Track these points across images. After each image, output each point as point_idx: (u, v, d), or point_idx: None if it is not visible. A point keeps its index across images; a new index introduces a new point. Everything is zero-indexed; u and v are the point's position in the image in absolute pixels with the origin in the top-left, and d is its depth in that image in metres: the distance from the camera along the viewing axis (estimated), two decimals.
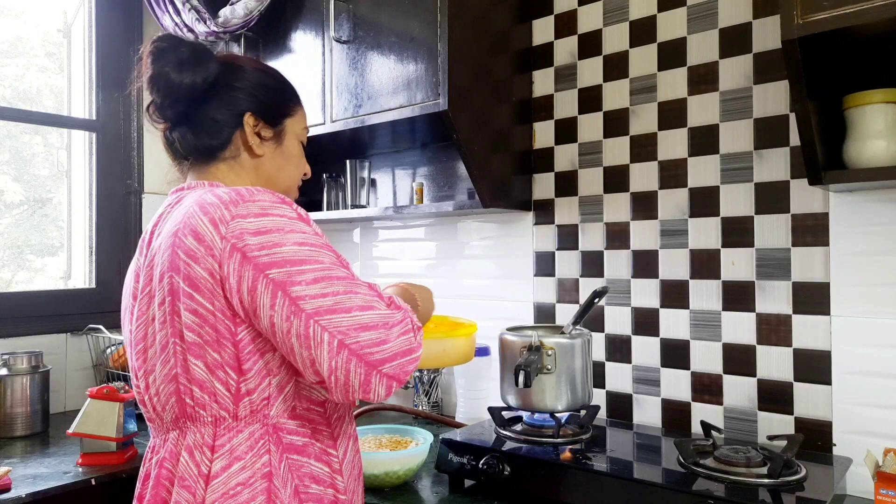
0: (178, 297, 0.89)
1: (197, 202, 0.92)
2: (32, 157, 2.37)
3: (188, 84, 0.99)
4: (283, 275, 0.85)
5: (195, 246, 0.88)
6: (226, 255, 0.86)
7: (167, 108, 1.02)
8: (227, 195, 0.91)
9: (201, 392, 0.90)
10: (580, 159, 1.72)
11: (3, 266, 2.25)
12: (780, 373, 1.40)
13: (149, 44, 1.01)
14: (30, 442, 1.74)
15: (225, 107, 1.02)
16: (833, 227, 1.34)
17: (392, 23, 1.68)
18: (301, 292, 0.85)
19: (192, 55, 1.00)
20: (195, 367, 0.90)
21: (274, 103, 1.07)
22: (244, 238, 0.86)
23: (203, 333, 0.88)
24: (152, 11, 2.13)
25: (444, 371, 1.96)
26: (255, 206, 0.89)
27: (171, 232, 0.92)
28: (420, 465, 1.39)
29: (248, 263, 0.85)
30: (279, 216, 0.89)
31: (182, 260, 0.88)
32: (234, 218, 0.87)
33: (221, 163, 1.04)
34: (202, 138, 1.02)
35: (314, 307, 0.85)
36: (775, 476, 1.09)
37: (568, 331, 1.43)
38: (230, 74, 1.04)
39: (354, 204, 2.10)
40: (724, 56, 1.48)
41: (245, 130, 1.03)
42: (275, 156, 1.07)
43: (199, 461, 0.90)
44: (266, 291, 0.85)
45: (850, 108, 1.21)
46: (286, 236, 0.87)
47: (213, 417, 0.91)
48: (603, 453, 1.28)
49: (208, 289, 0.87)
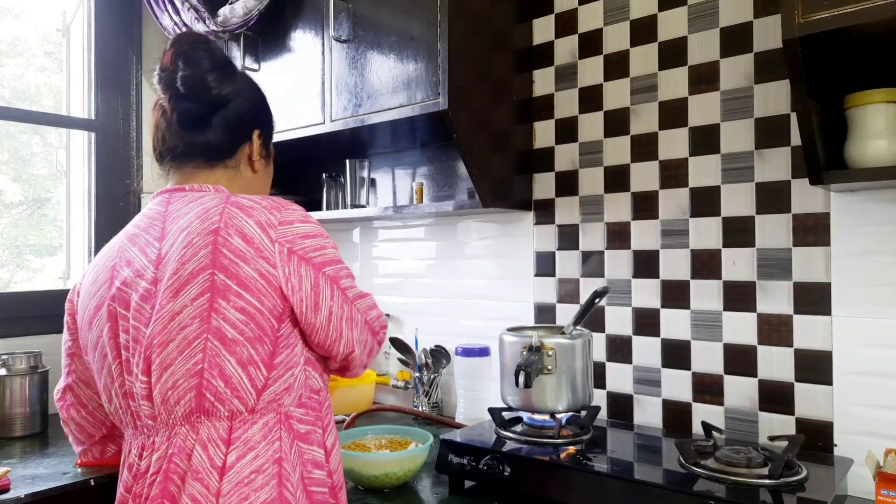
0: (224, 295, 0.93)
1: (232, 205, 0.98)
2: (31, 156, 2.36)
3: (216, 89, 1.06)
4: (333, 271, 1.01)
5: (243, 247, 0.94)
6: (283, 258, 0.96)
7: (190, 106, 1.06)
8: (261, 200, 1.00)
9: (225, 387, 0.93)
10: (580, 159, 1.71)
11: (2, 266, 2.24)
12: (781, 373, 1.40)
13: (182, 41, 1.06)
14: (29, 442, 1.73)
15: (240, 119, 1.10)
16: (834, 227, 1.34)
17: (392, 22, 1.67)
18: (344, 284, 1.03)
19: (225, 66, 1.09)
20: (227, 363, 0.93)
21: (271, 124, 1.18)
22: (297, 242, 0.98)
23: (246, 331, 0.93)
24: (151, 11, 2.12)
25: (444, 371, 1.95)
26: (296, 213, 1.01)
27: (207, 230, 0.95)
28: (420, 466, 1.38)
29: (308, 263, 0.98)
30: (313, 223, 1.02)
31: (228, 259, 0.93)
32: (282, 223, 0.98)
33: (222, 170, 1.09)
34: (212, 142, 1.07)
35: (353, 296, 1.04)
36: (776, 477, 1.09)
37: (568, 331, 1.42)
38: (246, 90, 1.12)
39: (354, 204, 2.10)
40: (724, 55, 1.48)
41: (252, 146, 1.12)
42: (264, 173, 1.17)
43: (214, 454, 0.92)
44: (326, 285, 0.99)
45: (851, 107, 1.21)
46: (325, 241, 1.02)
47: (229, 412, 0.94)
48: (603, 454, 1.28)
49: (258, 288, 0.94)
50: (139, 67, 2.32)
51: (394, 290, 2.16)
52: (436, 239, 2.05)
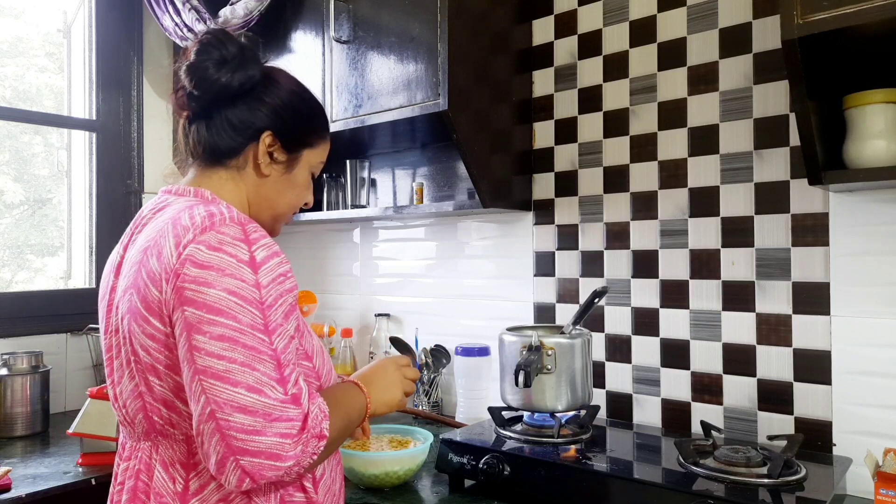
0: (136, 319, 0.87)
1: (172, 220, 0.89)
2: (32, 157, 2.37)
3: (222, 83, 0.96)
4: (194, 318, 0.82)
5: (156, 268, 0.85)
6: (170, 278, 0.84)
7: (194, 99, 0.99)
8: (200, 219, 0.88)
9: (168, 412, 0.88)
10: (580, 159, 1.72)
11: (4, 266, 2.25)
12: (780, 373, 1.40)
13: (205, 33, 0.99)
14: (30, 442, 1.74)
15: (247, 117, 0.99)
16: (833, 227, 1.34)
17: (392, 23, 1.68)
18: (201, 344, 0.81)
19: (237, 55, 0.97)
20: (158, 388, 0.88)
21: (297, 130, 1.03)
22: (186, 265, 0.83)
23: (161, 358, 0.86)
24: (152, 11, 2.13)
25: (445, 371, 1.96)
26: (214, 237, 0.85)
27: (143, 247, 0.90)
28: (420, 465, 1.39)
29: (178, 292, 0.83)
30: (229, 255, 0.84)
31: (143, 280, 0.86)
32: (192, 243, 0.85)
33: (224, 170, 1.01)
34: (215, 140, 0.99)
35: (205, 365, 0.81)
36: (775, 476, 1.09)
37: (568, 331, 1.43)
38: (264, 87, 1.00)
39: (354, 204, 2.10)
40: (724, 56, 1.48)
41: (259, 147, 1.00)
42: (280, 180, 1.04)
43: (174, 477, 0.89)
44: (178, 323, 0.83)
45: (851, 108, 1.21)
46: (221, 279, 0.83)
47: (184, 436, 0.89)
48: (603, 453, 1.28)
49: (162, 314, 0.85)
50: (140, 68, 2.33)
51: (394, 289, 2.17)
52: (436, 239, 2.06)
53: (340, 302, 2.33)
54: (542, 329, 1.53)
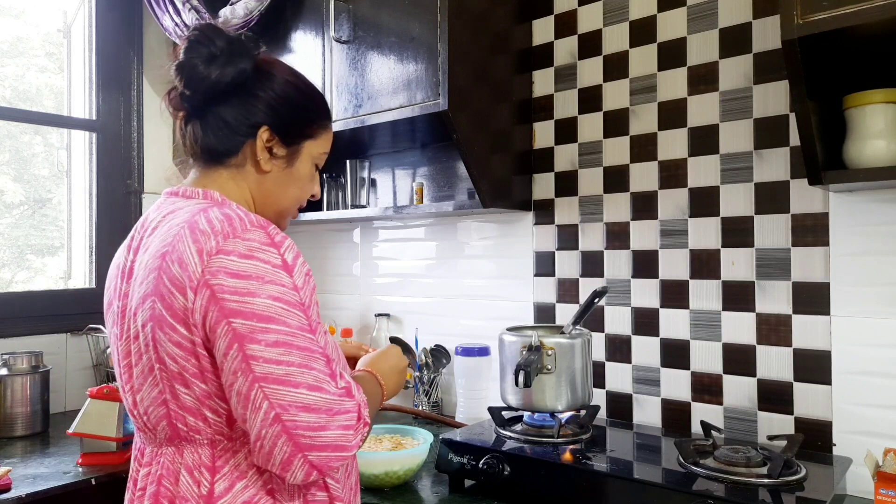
0: (161, 326, 0.86)
1: (189, 225, 0.88)
2: (32, 157, 2.37)
3: (213, 80, 0.93)
4: (246, 328, 0.82)
5: (180, 275, 0.84)
6: (199, 286, 0.83)
7: (187, 98, 0.96)
8: (219, 223, 0.86)
9: (194, 419, 0.88)
10: (580, 159, 1.72)
11: (4, 266, 2.25)
12: (780, 373, 1.40)
13: (192, 29, 0.96)
14: (30, 442, 1.74)
15: (241, 113, 0.97)
16: (833, 227, 1.34)
17: (392, 23, 1.68)
18: (257, 352, 0.81)
19: (225, 49, 0.94)
20: (184, 396, 0.88)
21: (295, 122, 1.01)
22: (219, 276, 0.83)
23: (188, 366, 0.86)
24: (152, 11, 2.13)
25: (445, 371, 1.96)
26: (243, 245, 0.84)
27: (160, 252, 0.88)
28: (420, 465, 1.39)
29: (216, 304, 0.82)
30: (264, 262, 0.84)
31: (166, 287, 0.85)
32: (219, 253, 0.84)
33: (224, 169, 0.99)
34: (211, 139, 0.97)
35: (264, 372, 0.81)
36: (775, 476, 1.09)
37: (568, 331, 1.43)
38: (257, 81, 0.97)
39: (354, 204, 2.10)
40: (724, 56, 1.48)
41: (256, 144, 0.97)
42: (281, 175, 1.02)
43: (199, 481, 0.89)
44: (224, 337, 0.82)
45: (850, 108, 1.21)
46: (263, 287, 0.83)
47: (208, 440, 0.89)
48: (603, 453, 1.28)
49: (189, 321, 0.85)
50: (140, 68, 2.33)
51: (394, 289, 2.17)
52: (436, 239, 2.06)
53: (340, 302, 2.33)
54: (542, 329, 1.53)
